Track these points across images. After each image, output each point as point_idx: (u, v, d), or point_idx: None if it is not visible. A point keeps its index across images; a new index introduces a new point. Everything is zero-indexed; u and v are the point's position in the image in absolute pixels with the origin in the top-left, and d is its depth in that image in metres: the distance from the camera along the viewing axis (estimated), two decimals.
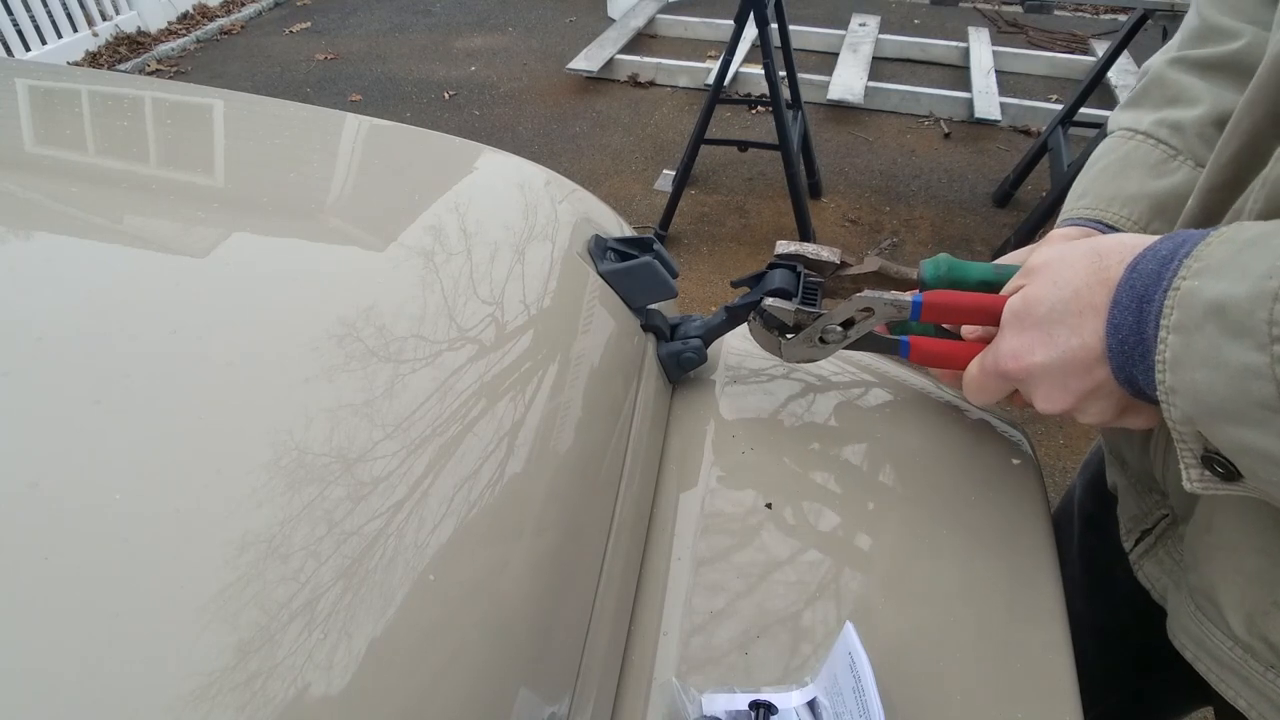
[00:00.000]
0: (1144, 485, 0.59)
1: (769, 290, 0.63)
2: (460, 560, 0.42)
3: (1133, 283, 0.40)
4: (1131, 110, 0.61)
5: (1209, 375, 0.35)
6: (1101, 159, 0.61)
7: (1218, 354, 0.34)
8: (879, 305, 0.56)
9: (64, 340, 0.45)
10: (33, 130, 0.75)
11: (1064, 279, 0.44)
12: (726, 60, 2.42)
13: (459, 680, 0.38)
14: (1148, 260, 0.39)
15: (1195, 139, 0.56)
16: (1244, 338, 0.33)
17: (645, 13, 4.30)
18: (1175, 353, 0.36)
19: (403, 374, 0.48)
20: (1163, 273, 0.38)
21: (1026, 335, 0.45)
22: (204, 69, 4.06)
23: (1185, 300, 0.36)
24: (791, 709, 0.47)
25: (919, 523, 0.59)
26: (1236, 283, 0.34)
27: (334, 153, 0.78)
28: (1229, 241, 0.36)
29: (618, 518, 0.55)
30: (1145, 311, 0.39)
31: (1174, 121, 0.57)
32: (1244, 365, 0.33)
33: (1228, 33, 0.56)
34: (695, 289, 2.45)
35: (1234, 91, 0.56)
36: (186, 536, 0.36)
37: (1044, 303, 0.44)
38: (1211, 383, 0.35)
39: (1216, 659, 0.50)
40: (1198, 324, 0.35)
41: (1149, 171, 0.57)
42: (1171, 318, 0.37)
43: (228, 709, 0.31)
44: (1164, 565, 0.57)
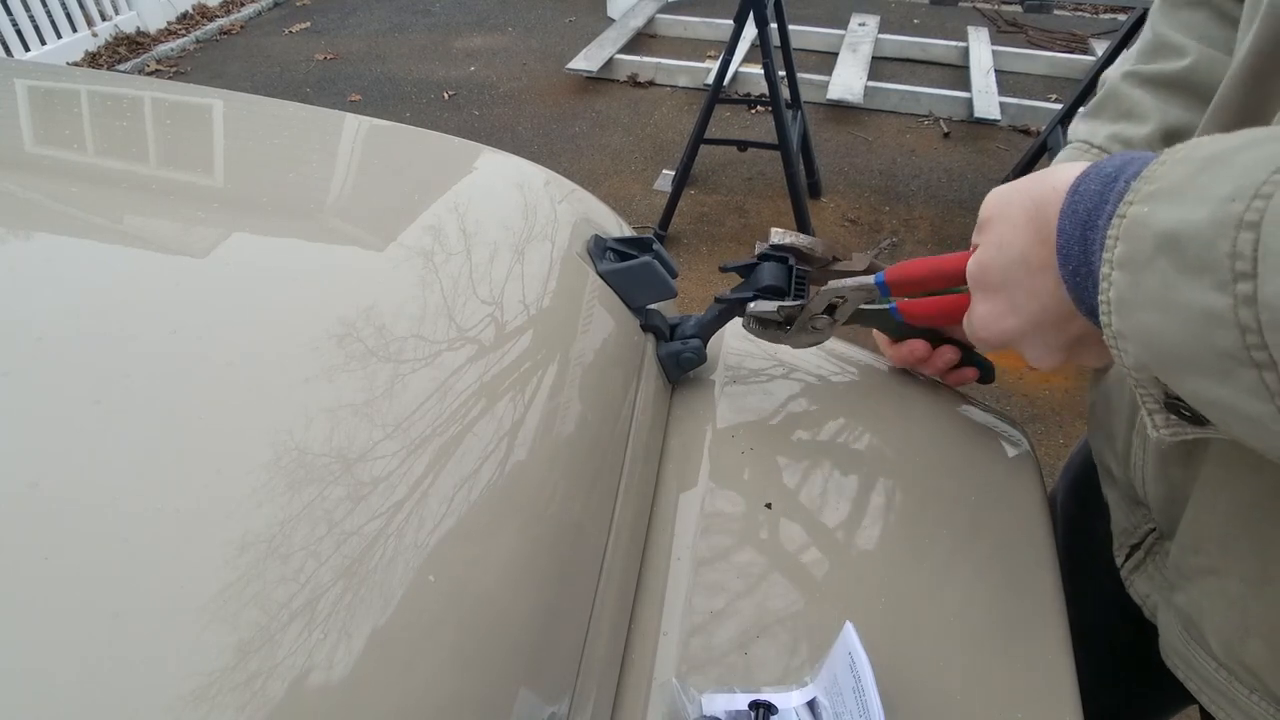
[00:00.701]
0: (1130, 499, 0.59)
1: (759, 289, 0.63)
2: (460, 560, 0.42)
3: (1075, 207, 0.35)
4: (1090, 121, 0.62)
5: (1160, 319, 0.30)
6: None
7: (1171, 294, 0.29)
8: (849, 292, 0.58)
9: (64, 340, 0.45)
10: (33, 130, 0.75)
11: (1007, 240, 0.41)
12: (726, 60, 2.42)
13: (459, 680, 0.38)
14: (1090, 180, 0.35)
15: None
16: (1202, 274, 0.28)
17: (645, 12, 4.30)
18: (1121, 292, 0.32)
19: (403, 374, 0.48)
20: (1106, 193, 0.34)
21: (991, 302, 0.44)
22: (204, 69, 4.06)
23: (1132, 230, 0.31)
24: (791, 709, 0.47)
25: (919, 522, 0.59)
26: (1194, 208, 0.28)
27: (334, 153, 0.78)
28: (1185, 160, 0.31)
29: (618, 518, 0.55)
30: (1090, 240, 0.34)
31: (1125, 138, 0.59)
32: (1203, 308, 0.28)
33: (1175, 49, 0.58)
34: (695, 289, 2.45)
35: (1180, 109, 0.57)
36: (186, 536, 0.36)
37: (994, 269, 0.43)
38: (1164, 328, 0.30)
39: (1205, 679, 0.50)
40: (1148, 258, 0.30)
41: None
42: (1115, 250, 0.32)
43: (228, 709, 0.31)
44: (1154, 581, 0.57)
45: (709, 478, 0.62)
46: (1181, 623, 0.51)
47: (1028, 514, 0.61)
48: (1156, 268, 0.30)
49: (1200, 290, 0.28)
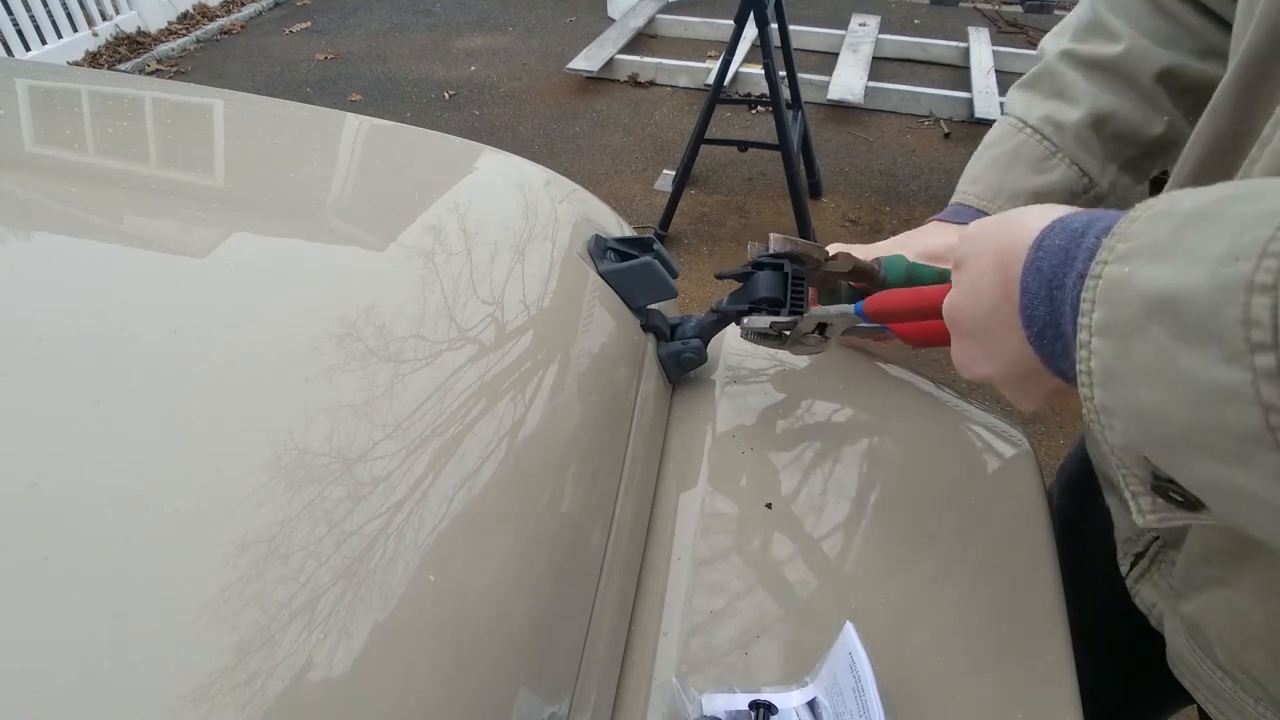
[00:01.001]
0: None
1: (754, 300, 0.63)
2: (460, 560, 0.42)
3: (1039, 263, 0.33)
4: (1025, 94, 0.65)
5: (1159, 395, 0.26)
6: (995, 145, 0.65)
7: (1170, 367, 0.26)
8: (831, 319, 0.59)
9: (64, 340, 0.45)
10: (33, 130, 0.75)
11: (978, 288, 0.39)
12: (726, 60, 2.42)
13: (459, 680, 0.38)
14: (1055, 234, 0.33)
15: (1073, 140, 0.61)
16: (1208, 345, 0.24)
17: (645, 13, 4.30)
18: (1106, 363, 0.29)
19: (403, 374, 0.48)
20: (1073, 249, 0.31)
21: (966, 346, 0.43)
22: (204, 69, 4.06)
23: (1112, 292, 0.28)
24: (791, 709, 0.47)
25: (919, 523, 0.59)
26: (1188, 269, 0.25)
27: (334, 153, 0.78)
28: (1163, 216, 0.28)
29: (618, 518, 0.55)
30: (1057, 299, 0.32)
31: (1057, 121, 0.62)
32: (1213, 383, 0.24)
33: (1111, 34, 0.60)
34: (695, 289, 2.45)
35: (1111, 94, 0.61)
36: (186, 536, 0.36)
37: (966, 316, 0.41)
38: (1164, 405, 0.26)
39: (1212, 689, 0.50)
40: (1137, 325, 0.27)
41: (1032, 168, 0.62)
42: (1093, 316, 0.29)
43: (228, 709, 0.31)
44: (1159, 589, 0.57)
45: (709, 478, 0.62)
46: (1188, 631, 0.51)
47: (1028, 514, 0.61)
48: (1149, 336, 0.26)
49: (1207, 363, 0.24)
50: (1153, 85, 0.60)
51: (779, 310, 0.62)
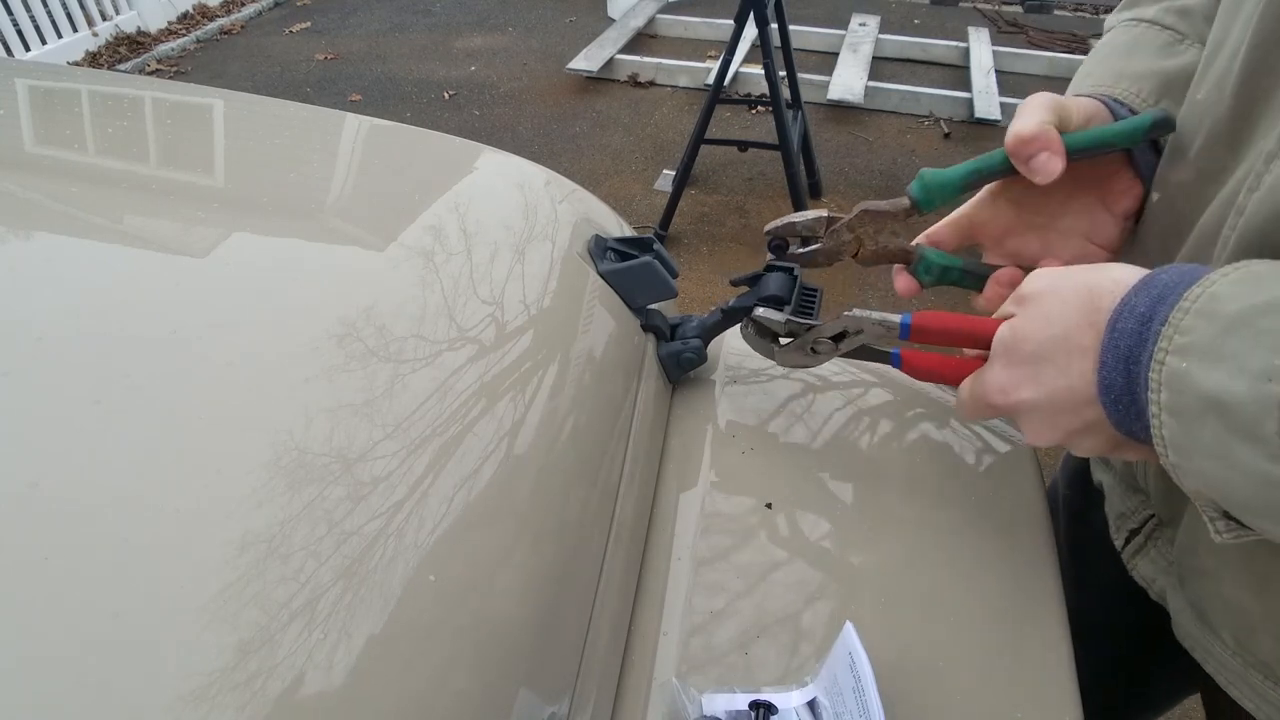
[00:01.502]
0: (1128, 485, 0.59)
1: (762, 297, 0.63)
2: (460, 560, 0.42)
3: (1115, 342, 0.38)
4: (1131, 7, 0.58)
5: (1223, 471, 0.33)
6: (1106, 46, 0.58)
7: (1228, 453, 0.32)
8: (868, 325, 0.56)
9: (64, 340, 0.45)
10: (33, 130, 0.75)
11: (1055, 315, 0.42)
12: (726, 60, 2.42)
13: (459, 680, 0.38)
14: (1126, 318, 0.38)
15: (1203, 22, 0.53)
16: (1256, 444, 0.30)
17: (645, 13, 4.30)
18: (1175, 436, 0.35)
19: (403, 374, 0.48)
20: (1144, 333, 0.36)
21: (1014, 370, 0.44)
22: (204, 69, 4.06)
23: (1175, 383, 0.34)
24: (791, 709, 0.47)
25: (919, 522, 0.59)
26: (1233, 378, 0.31)
27: (334, 153, 0.78)
28: (1208, 316, 0.33)
29: (618, 518, 0.55)
30: (1133, 373, 0.37)
31: (1180, 7, 0.54)
32: (1262, 473, 0.31)
33: None
34: (695, 289, 2.45)
35: None
36: (186, 536, 0.36)
37: (1032, 339, 0.43)
38: (1227, 479, 0.33)
39: (1220, 663, 0.50)
40: (1197, 414, 0.33)
41: (1157, 52, 0.54)
42: (1161, 396, 0.35)
43: (228, 709, 0.31)
44: (1158, 565, 0.57)
45: (709, 478, 0.62)
46: (1194, 610, 0.51)
47: (1027, 513, 0.61)
48: (1208, 424, 0.32)
49: (1257, 458, 0.30)
50: None
51: (784, 308, 0.62)
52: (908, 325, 0.54)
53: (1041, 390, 0.42)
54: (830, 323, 0.58)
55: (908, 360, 0.56)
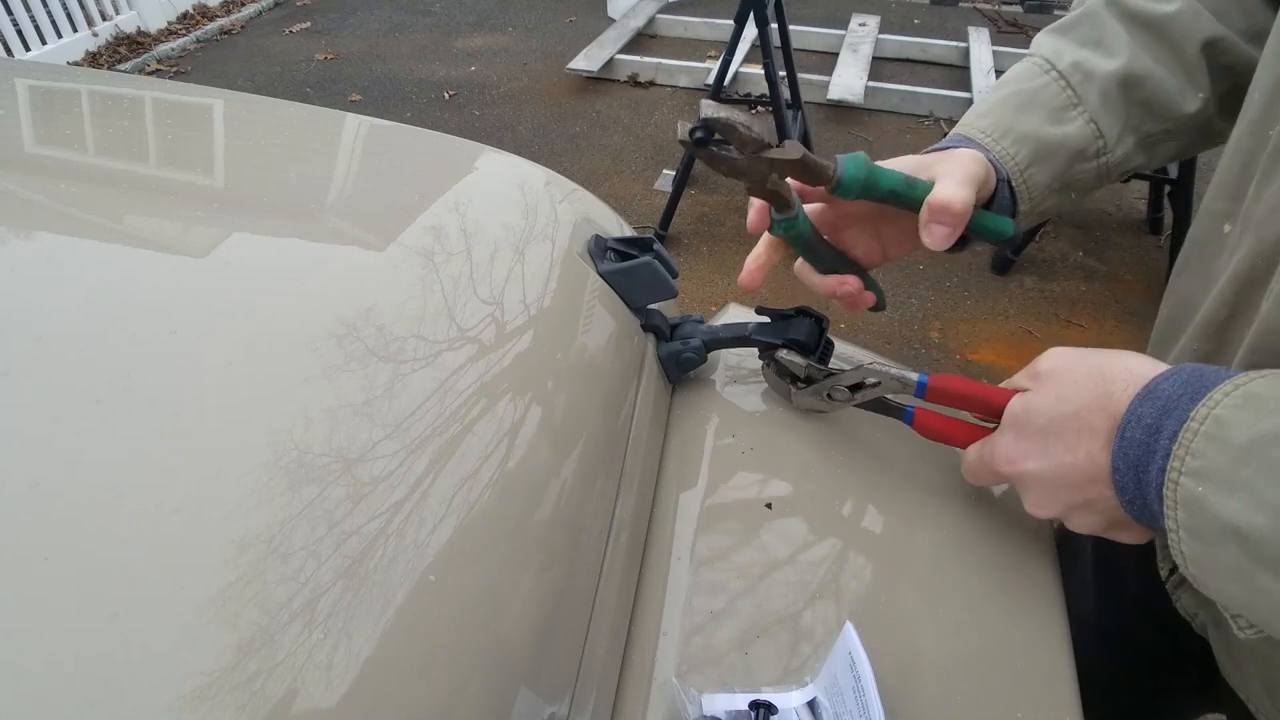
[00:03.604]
0: None
1: (789, 339, 0.64)
2: (460, 560, 0.42)
3: (1125, 451, 0.39)
4: (1058, 39, 0.60)
5: (1246, 595, 0.34)
6: (1015, 82, 0.60)
7: (1252, 579, 0.33)
8: (886, 379, 0.58)
9: (64, 340, 0.45)
10: (33, 130, 0.75)
11: (1067, 395, 0.43)
12: (726, 60, 2.42)
13: (459, 680, 0.38)
14: (1133, 428, 0.39)
15: (1099, 95, 0.57)
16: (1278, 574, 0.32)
17: (645, 13, 4.30)
18: (1195, 556, 0.36)
19: (403, 374, 0.48)
20: (1152, 445, 0.38)
21: (1023, 442, 0.46)
22: (204, 69, 4.06)
23: (1191, 504, 0.35)
24: (791, 709, 0.47)
25: (919, 522, 0.59)
26: (1253, 510, 0.32)
27: (334, 153, 0.78)
28: (1219, 443, 0.35)
29: (618, 518, 0.55)
30: (1143, 481, 0.38)
31: (1088, 70, 0.57)
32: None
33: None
34: (695, 289, 2.45)
35: (1150, 55, 0.56)
36: (186, 536, 0.36)
37: (1044, 414, 0.44)
38: (1251, 601, 0.34)
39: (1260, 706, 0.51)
40: (1217, 538, 0.34)
41: (1049, 115, 0.57)
42: (1179, 515, 0.36)
43: (228, 709, 0.31)
44: (1199, 599, 0.57)
45: (709, 478, 0.62)
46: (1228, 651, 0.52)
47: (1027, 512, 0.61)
48: (1228, 550, 0.33)
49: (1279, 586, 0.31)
50: (1196, 55, 0.56)
51: (809, 356, 0.63)
52: (924, 385, 0.56)
53: (1048, 464, 0.44)
54: (850, 371, 0.60)
55: (920, 419, 0.58)
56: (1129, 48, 0.57)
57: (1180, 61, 0.57)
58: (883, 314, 2.37)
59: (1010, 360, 2.19)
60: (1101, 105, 0.57)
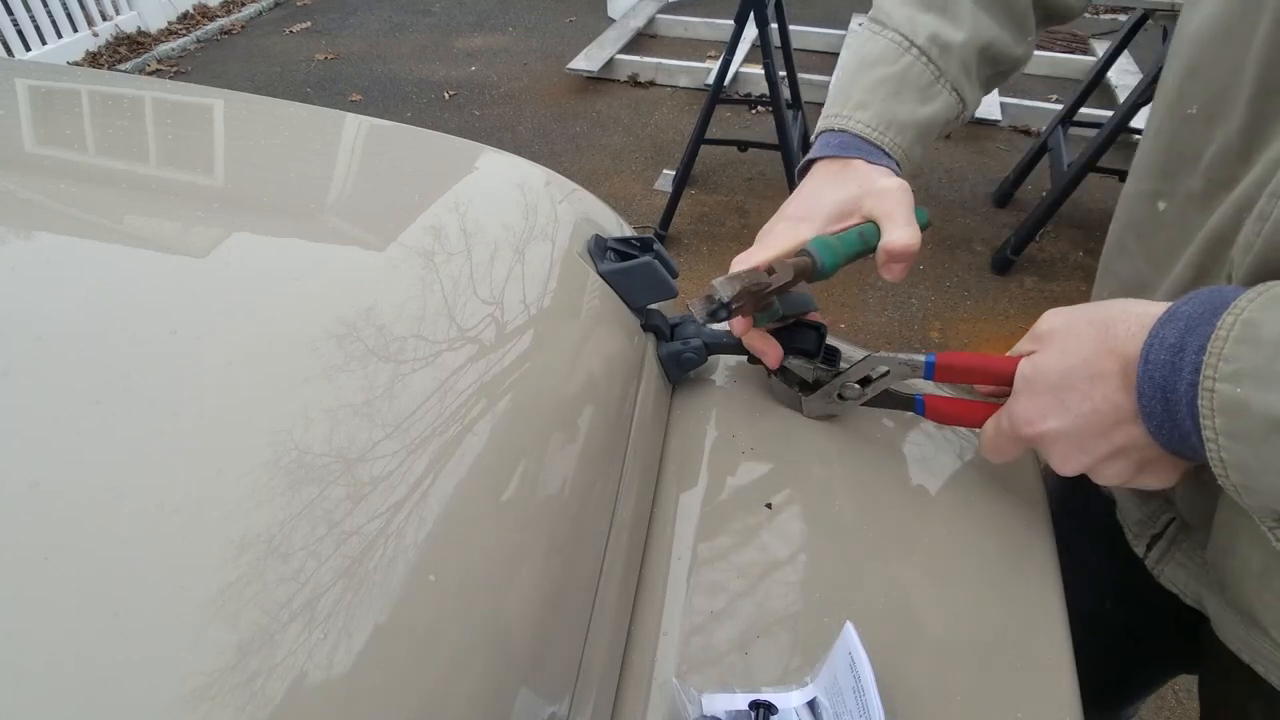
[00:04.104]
0: (1143, 492, 0.60)
1: (792, 348, 0.64)
2: (460, 560, 0.42)
3: (1150, 374, 0.40)
4: (907, 7, 0.62)
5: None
6: (880, 64, 0.61)
7: None
8: (894, 365, 0.58)
9: (64, 340, 0.45)
10: (33, 130, 0.75)
11: (1071, 348, 0.44)
12: (726, 60, 2.42)
13: (459, 681, 0.38)
14: (1157, 350, 0.39)
15: (958, 66, 0.61)
16: None
17: (645, 13, 4.30)
18: (1239, 459, 0.36)
19: (403, 374, 0.48)
20: (1178, 364, 0.38)
21: (1039, 400, 0.46)
22: (204, 69, 4.06)
23: (1231, 408, 0.36)
24: (791, 709, 0.47)
25: (918, 522, 0.59)
26: None
27: (334, 153, 0.78)
28: (1252, 343, 0.35)
29: (618, 518, 0.55)
30: (1172, 402, 0.39)
31: (944, 43, 0.60)
32: None
33: None
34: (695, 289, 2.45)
35: (994, 25, 0.62)
36: (186, 536, 0.36)
37: (1054, 370, 0.45)
38: None
39: (1272, 661, 0.51)
40: (1263, 436, 0.35)
41: (918, 96, 0.60)
42: (1216, 422, 0.36)
43: (228, 709, 0.31)
44: (1189, 570, 0.57)
45: (709, 478, 0.62)
46: (1237, 611, 0.52)
47: (1027, 513, 0.61)
48: (1274, 443, 0.34)
49: None
50: (1026, 6, 0.63)
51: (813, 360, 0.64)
52: (932, 364, 0.56)
53: (1068, 417, 0.44)
54: (858, 364, 0.60)
55: (931, 405, 0.58)
56: (972, 19, 0.61)
57: (1012, 15, 0.62)
58: (883, 314, 2.37)
59: None
60: (961, 74, 0.61)
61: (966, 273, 2.55)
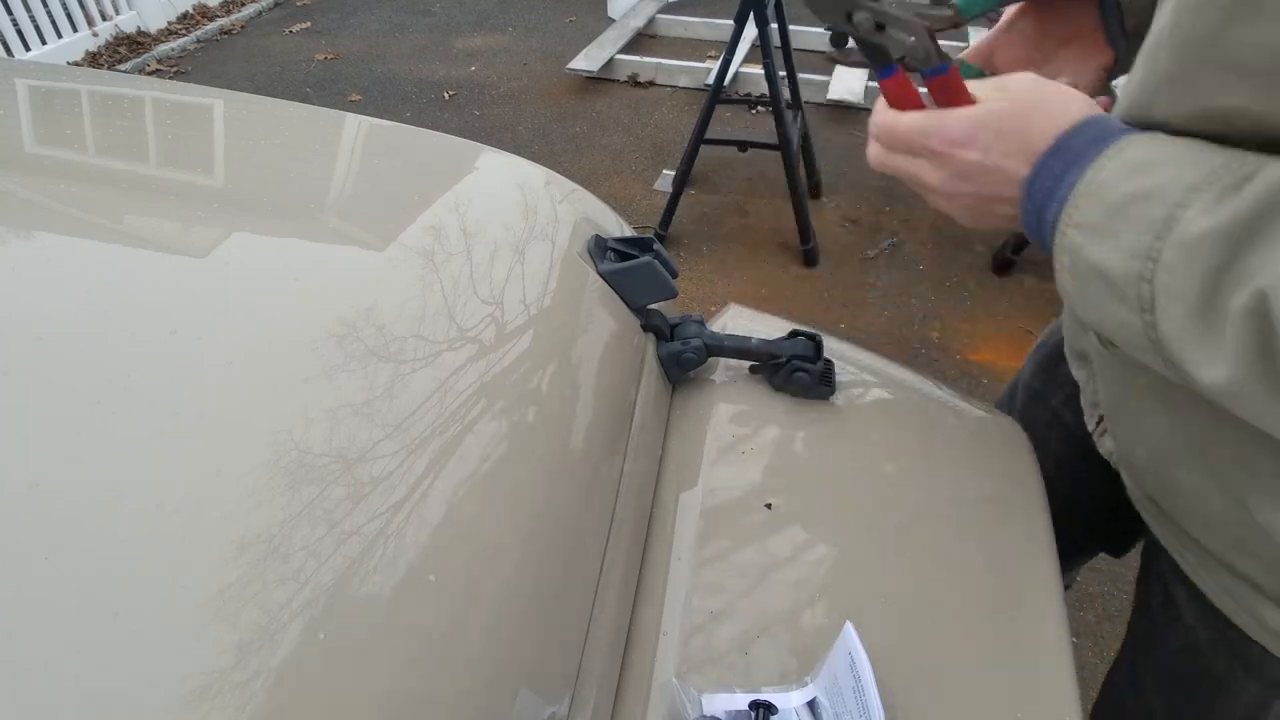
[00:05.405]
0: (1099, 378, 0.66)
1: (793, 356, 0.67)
2: (460, 560, 0.42)
3: (1032, 195, 0.46)
4: None
5: (1100, 317, 0.43)
6: None
7: (1105, 304, 0.41)
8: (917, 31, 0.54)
9: (64, 340, 0.45)
10: (33, 130, 0.75)
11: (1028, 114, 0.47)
12: (726, 60, 2.42)
13: (459, 681, 0.38)
14: (1043, 178, 0.45)
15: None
16: (1124, 302, 0.40)
17: (645, 13, 4.30)
18: (1070, 289, 0.44)
19: (402, 374, 0.48)
20: (1055, 191, 0.44)
21: (979, 134, 0.48)
22: (204, 69, 4.06)
23: (1072, 251, 0.42)
24: (791, 709, 0.47)
25: (918, 522, 0.59)
26: (1112, 254, 0.40)
27: (334, 153, 0.78)
28: (1098, 200, 0.41)
29: (618, 518, 0.55)
30: (1044, 220, 0.45)
31: None
32: (1126, 320, 0.40)
33: None
34: (695, 289, 2.45)
35: None
36: (186, 536, 0.36)
37: (1007, 120, 0.47)
38: (1103, 322, 0.43)
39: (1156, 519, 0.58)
40: (1086, 277, 0.42)
41: None
42: (1064, 260, 0.43)
43: (228, 709, 0.31)
44: (1115, 443, 0.63)
45: (709, 478, 0.62)
46: (1134, 475, 0.59)
47: (1026, 512, 0.61)
48: (1093, 284, 0.42)
49: (1124, 310, 0.40)
50: None
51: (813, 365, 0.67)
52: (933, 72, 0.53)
53: (987, 159, 0.47)
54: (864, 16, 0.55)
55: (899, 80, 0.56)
56: None
57: None
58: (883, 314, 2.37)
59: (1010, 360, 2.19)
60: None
61: (966, 273, 2.55)
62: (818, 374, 0.67)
